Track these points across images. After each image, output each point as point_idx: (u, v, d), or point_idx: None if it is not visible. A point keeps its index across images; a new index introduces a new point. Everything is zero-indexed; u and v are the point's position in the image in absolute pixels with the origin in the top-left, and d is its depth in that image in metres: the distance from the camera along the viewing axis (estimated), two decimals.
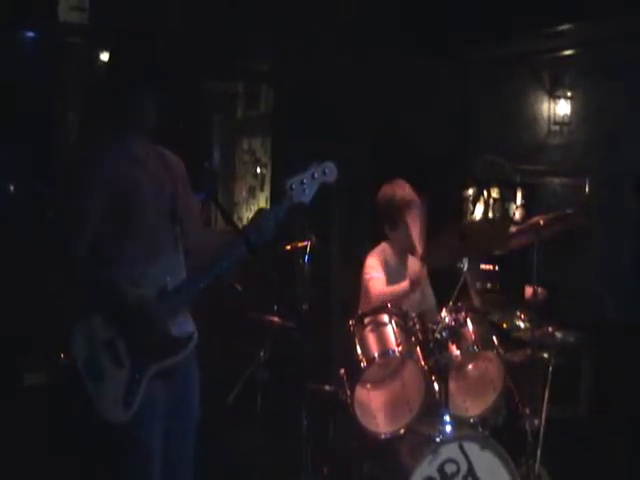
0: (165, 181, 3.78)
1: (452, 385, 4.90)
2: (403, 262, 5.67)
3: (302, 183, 3.78)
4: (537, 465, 5.13)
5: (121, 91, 3.69)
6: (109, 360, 3.53)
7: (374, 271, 5.47)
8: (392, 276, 5.54)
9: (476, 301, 5.78)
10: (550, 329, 5.77)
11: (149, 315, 3.56)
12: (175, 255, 3.76)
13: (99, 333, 3.53)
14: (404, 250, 5.63)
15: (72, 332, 3.53)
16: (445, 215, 7.72)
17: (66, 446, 4.37)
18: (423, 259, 5.37)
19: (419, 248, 5.40)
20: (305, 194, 3.80)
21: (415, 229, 5.45)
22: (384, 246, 5.65)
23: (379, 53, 7.95)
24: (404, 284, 5.35)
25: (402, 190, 5.54)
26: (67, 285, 3.71)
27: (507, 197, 8.03)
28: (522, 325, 5.97)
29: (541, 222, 5.23)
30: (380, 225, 5.63)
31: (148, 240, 3.67)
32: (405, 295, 5.31)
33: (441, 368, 4.85)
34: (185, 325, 3.76)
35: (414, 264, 5.66)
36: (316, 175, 3.83)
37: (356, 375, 4.85)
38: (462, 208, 8.19)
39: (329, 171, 3.86)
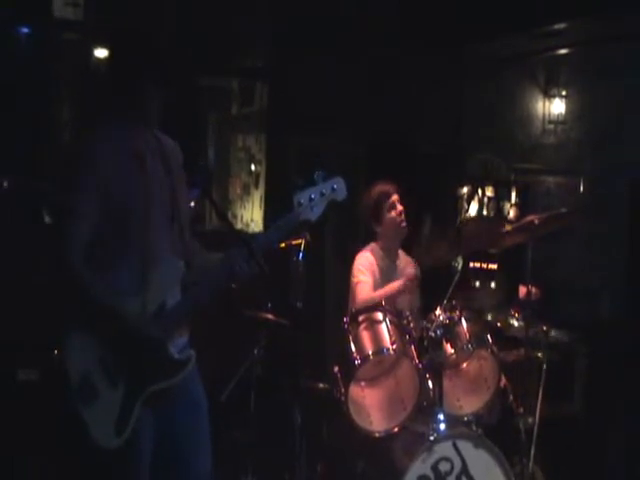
0: (164, 179, 3.68)
1: (446, 383, 4.91)
2: (393, 260, 5.70)
3: (310, 200, 3.63)
4: (531, 463, 5.13)
5: (123, 86, 3.63)
6: (103, 381, 3.44)
7: (362, 274, 5.52)
8: (383, 276, 5.58)
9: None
10: (544, 328, 5.78)
11: (147, 335, 3.48)
12: (174, 258, 3.66)
13: (94, 352, 3.44)
14: (394, 246, 5.68)
15: (66, 350, 3.44)
16: (440, 213, 7.77)
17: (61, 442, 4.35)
18: (416, 256, 5.44)
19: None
20: (313, 212, 3.65)
21: (398, 217, 5.58)
22: (373, 246, 5.70)
23: (375, 51, 7.95)
24: (395, 285, 5.38)
25: (376, 185, 5.70)
26: (64, 289, 3.63)
27: (502, 196, 8.03)
28: (516, 324, 5.99)
29: (535, 221, 5.22)
30: (369, 229, 5.74)
31: (148, 244, 3.58)
32: (395, 296, 5.34)
33: (435, 366, 4.87)
34: (184, 346, 3.67)
35: (407, 263, 5.69)
36: (325, 191, 3.66)
37: (350, 373, 4.85)
38: (457, 206, 8.20)
39: (338, 188, 3.69)
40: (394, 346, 4.84)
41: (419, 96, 8.29)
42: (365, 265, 5.55)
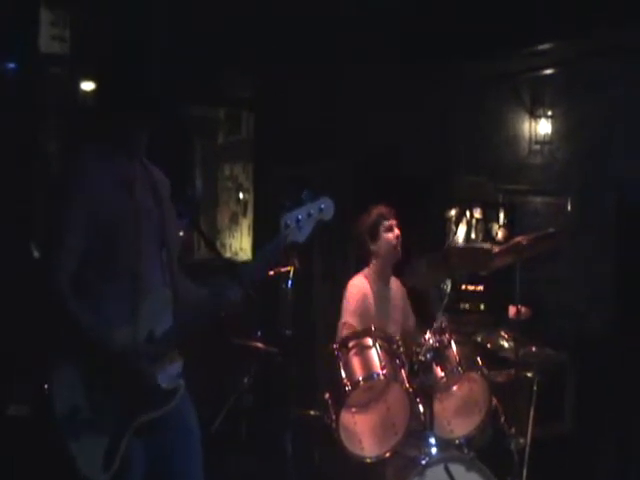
0: (154, 208, 3.65)
1: (437, 407, 4.91)
2: (386, 284, 5.67)
3: (298, 221, 3.62)
4: None
5: (110, 117, 3.61)
6: (91, 415, 3.38)
7: (349, 315, 5.42)
8: (377, 299, 5.54)
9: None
10: (534, 348, 5.79)
11: (135, 366, 3.43)
12: (164, 288, 3.63)
13: (81, 385, 3.38)
14: (387, 269, 5.65)
15: (52, 384, 3.37)
16: (428, 236, 7.77)
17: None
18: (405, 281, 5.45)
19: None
20: (300, 233, 3.64)
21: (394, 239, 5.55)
22: (367, 271, 5.63)
23: (360, 73, 7.97)
24: None
25: (375, 207, 5.65)
26: (51, 321, 3.61)
27: (489, 217, 8.04)
28: (506, 344, 5.99)
29: (523, 242, 5.25)
30: (362, 253, 5.67)
31: (139, 272, 3.53)
32: None
33: (426, 390, 4.86)
34: (176, 374, 3.62)
35: (397, 287, 5.68)
36: (312, 212, 3.66)
37: (341, 399, 4.82)
38: (444, 229, 8.21)
39: (326, 207, 3.69)
40: (384, 371, 4.82)
41: (406, 118, 8.31)
42: (356, 297, 5.46)
